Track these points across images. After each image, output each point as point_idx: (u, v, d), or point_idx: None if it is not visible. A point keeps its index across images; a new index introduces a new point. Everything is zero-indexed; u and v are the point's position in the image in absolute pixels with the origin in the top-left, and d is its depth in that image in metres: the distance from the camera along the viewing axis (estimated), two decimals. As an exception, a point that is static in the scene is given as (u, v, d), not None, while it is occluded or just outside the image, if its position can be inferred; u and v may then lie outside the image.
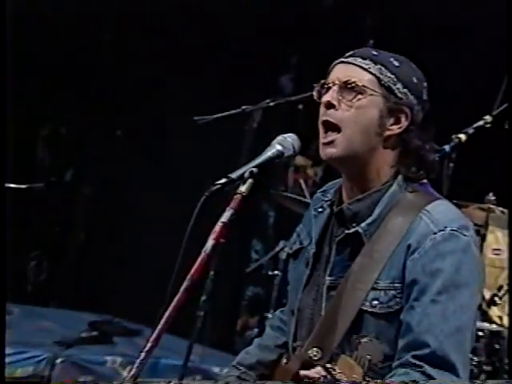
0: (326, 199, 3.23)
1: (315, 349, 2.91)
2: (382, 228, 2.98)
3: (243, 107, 6.41)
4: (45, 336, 8.39)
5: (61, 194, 9.86)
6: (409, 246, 2.90)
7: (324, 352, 2.90)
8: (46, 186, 8.48)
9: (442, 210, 2.99)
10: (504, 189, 6.71)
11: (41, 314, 9.22)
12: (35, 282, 10.14)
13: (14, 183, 8.04)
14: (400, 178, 3.04)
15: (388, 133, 3.01)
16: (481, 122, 6.00)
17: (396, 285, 2.90)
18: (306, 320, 3.12)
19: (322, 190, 3.32)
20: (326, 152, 3.02)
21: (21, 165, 9.10)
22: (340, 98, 2.99)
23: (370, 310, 2.91)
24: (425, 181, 3.08)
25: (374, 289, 2.91)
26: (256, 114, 6.33)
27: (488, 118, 6.02)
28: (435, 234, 2.90)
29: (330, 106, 3.00)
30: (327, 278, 3.07)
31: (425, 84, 3.09)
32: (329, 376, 2.66)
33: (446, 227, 2.92)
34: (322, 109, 3.04)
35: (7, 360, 7.70)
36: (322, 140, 3.02)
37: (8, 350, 7.82)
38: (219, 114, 6.39)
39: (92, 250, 10.07)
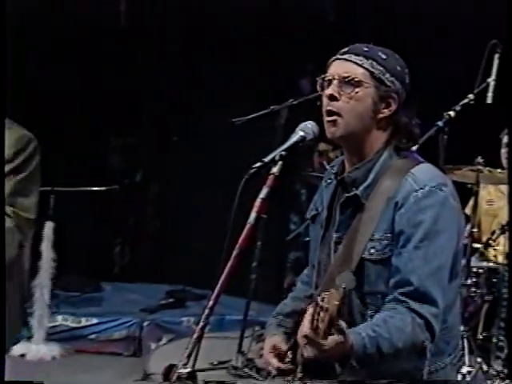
0: (333, 172, 3.23)
1: (325, 293, 2.78)
2: (375, 190, 3.00)
3: (272, 107, 6.48)
4: (132, 306, 8.73)
5: (133, 193, 10.02)
6: (396, 203, 2.94)
7: None
8: (120, 188, 8.73)
9: (423, 172, 3.02)
10: (490, 152, 6.87)
11: (127, 289, 9.51)
12: (121, 263, 10.32)
13: (93, 186, 8.40)
14: (390, 147, 3.07)
15: (380, 115, 3.03)
16: (465, 100, 6.04)
17: (388, 235, 2.94)
18: (323, 271, 3.16)
19: (331, 165, 3.34)
20: (330, 130, 3.04)
21: (97, 171, 9.35)
22: (340, 91, 2.99)
23: (368, 257, 2.95)
24: (413, 149, 3.13)
25: (371, 240, 2.95)
26: (283, 112, 6.42)
27: (471, 96, 6.05)
28: (417, 191, 2.93)
29: (332, 98, 3.01)
30: (334, 234, 3.11)
31: (406, 70, 3.10)
32: (317, 308, 2.62)
33: (425, 185, 2.95)
34: (325, 99, 3.05)
35: (104, 327, 8.19)
36: (326, 121, 3.03)
37: (104, 319, 8.26)
38: (253, 115, 6.44)
39: (163, 235, 10.22)
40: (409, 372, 2.99)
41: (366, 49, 3.05)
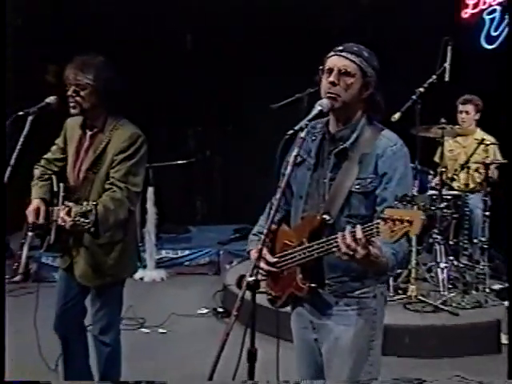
0: (316, 131, 3.12)
1: (326, 215, 2.89)
2: (358, 144, 2.96)
3: (296, 95, 6.29)
4: (211, 241, 8.84)
5: (204, 164, 10.04)
6: (377, 154, 2.91)
7: (331, 216, 2.88)
8: (195, 161, 8.98)
9: (391, 134, 3.00)
10: (450, 114, 6.95)
11: (207, 230, 9.56)
12: (201, 212, 10.35)
13: (178, 161, 8.61)
14: (365, 117, 3.01)
15: (363, 95, 2.97)
16: (431, 80, 6.17)
17: (371, 175, 2.90)
18: (314, 200, 3.04)
19: (310, 125, 3.08)
20: (331, 102, 2.96)
21: (180, 151, 9.46)
22: (338, 79, 2.93)
23: (354, 189, 2.91)
24: (395, 116, 3.08)
25: (357, 178, 2.91)
26: (305, 99, 6.27)
27: (434, 76, 6.20)
28: (391, 146, 2.93)
29: (333, 84, 2.94)
30: (328, 173, 3.01)
31: (377, 62, 3.01)
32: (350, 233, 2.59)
33: (396, 143, 2.96)
34: (326, 84, 2.96)
35: (193, 256, 8.40)
36: (327, 97, 2.93)
37: (193, 251, 8.47)
38: (283, 102, 6.32)
39: (228, 191, 10.25)
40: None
41: (356, 48, 2.98)
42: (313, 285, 2.95)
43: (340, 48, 3.01)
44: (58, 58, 4.11)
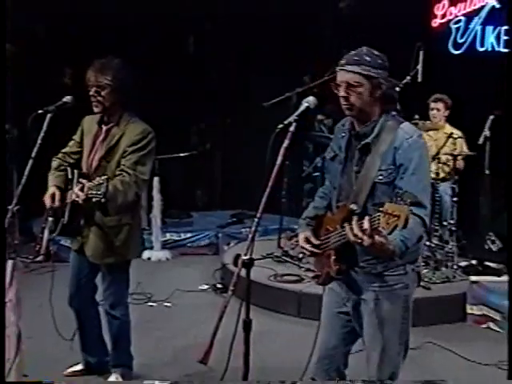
0: (345, 128, 3.11)
1: (353, 204, 2.88)
2: (379, 140, 2.92)
3: (286, 94, 6.54)
4: (211, 225, 8.80)
5: (205, 156, 9.93)
6: (395, 147, 2.86)
7: (358, 205, 2.87)
8: (198, 153, 8.90)
9: (408, 127, 2.95)
10: (423, 111, 6.95)
11: (207, 215, 9.47)
12: (202, 200, 10.30)
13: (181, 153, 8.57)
14: (384, 114, 2.95)
15: (376, 95, 2.92)
16: (405, 80, 6.18)
17: (391, 167, 2.86)
18: (345, 191, 3.02)
19: (338, 125, 3.19)
20: (347, 113, 2.97)
21: (183, 144, 9.26)
22: (348, 92, 2.90)
23: (378, 180, 2.87)
24: (394, 113, 2.97)
25: (379, 170, 2.87)
26: (293, 97, 6.51)
27: (408, 77, 6.24)
28: (407, 139, 2.87)
29: (345, 98, 2.92)
30: (354, 167, 2.99)
31: (385, 58, 2.97)
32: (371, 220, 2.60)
33: (412, 135, 2.89)
34: (341, 97, 2.95)
35: (195, 238, 8.37)
36: (344, 108, 2.95)
37: (195, 234, 8.44)
38: (275, 99, 6.51)
39: (226, 180, 10.18)
40: (411, 252, 2.91)
41: (356, 58, 2.92)
42: (344, 266, 2.95)
43: (343, 62, 2.96)
44: (73, 62, 4.11)
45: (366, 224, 2.60)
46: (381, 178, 2.89)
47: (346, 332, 3.18)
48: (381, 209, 2.54)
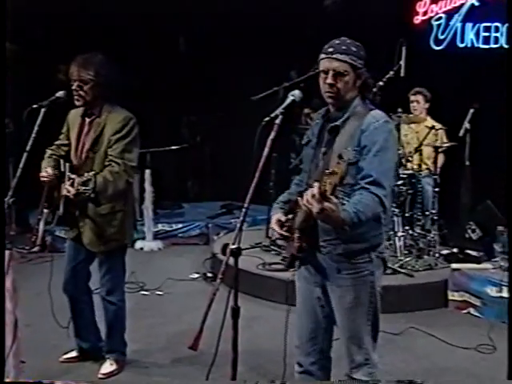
0: (319, 116, 3.10)
1: (316, 182, 2.68)
2: (349, 122, 2.92)
3: (274, 88, 6.48)
4: (201, 215, 8.84)
5: (195, 149, 9.94)
6: (362, 130, 2.86)
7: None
8: (188, 146, 8.85)
9: (377, 112, 2.93)
10: (404, 104, 6.94)
11: (198, 206, 9.53)
12: (192, 191, 10.36)
13: (172, 146, 8.50)
14: (357, 99, 2.96)
15: (357, 84, 2.94)
16: (388, 75, 6.18)
17: (356, 148, 2.85)
18: (313, 173, 3.01)
19: (318, 112, 3.15)
20: (330, 100, 2.97)
21: (174, 137, 9.23)
22: (335, 79, 2.89)
23: None
24: (367, 101, 2.96)
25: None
26: (280, 91, 6.41)
27: (391, 72, 6.21)
28: (374, 122, 2.87)
29: (331, 85, 2.92)
30: (322, 149, 3.00)
31: (364, 51, 2.98)
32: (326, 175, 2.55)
33: (380, 119, 2.89)
34: (325, 85, 2.95)
35: (186, 229, 8.36)
36: (327, 96, 2.95)
37: (186, 224, 8.43)
38: (263, 94, 6.48)
39: (215, 172, 10.19)
40: (373, 237, 2.97)
41: (344, 47, 2.92)
42: (304, 244, 2.92)
43: (330, 50, 2.95)
44: (67, 58, 4.11)
45: (315, 189, 2.58)
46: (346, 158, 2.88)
47: (323, 316, 3.17)
48: (325, 171, 2.55)
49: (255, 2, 8.69)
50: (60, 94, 3.88)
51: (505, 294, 5.37)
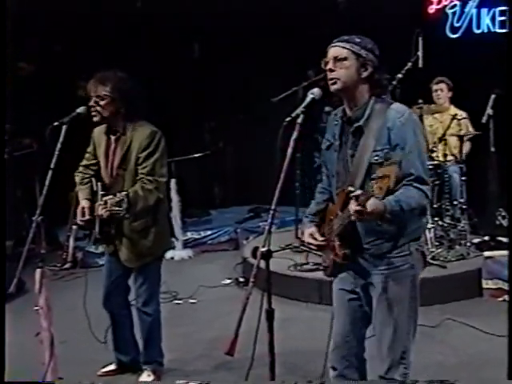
0: (337, 117, 3.07)
1: (350, 186, 2.80)
2: (371, 122, 2.89)
3: (293, 88, 6.53)
4: (229, 221, 8.82)
5: (218, 155, 9.85)
6: (388, 127, 2.84)
7: (355, 187, 2.78)
8: (211, 153, 8.66)
9: (398, 106, 2.91)
10: (426, 95, 6.94)
11: (225, 212, 9.52)
12: (219, 197, 10.36)
13: (195, 154, 8.46)
14: (373, 96, 2.93)
15: (362, 75, 2.91)
16: (407, 67, 6.16)
17: (386, 147, 2.83)
18: (342, 177, 3.00)
19: (331, 115, 3.15)
20: (332, 88, 2.94)
21: (197, 144, 9.29)
22: (335, 65, 2.91)
23: (373, 161, 2.83)
24: (384, 96, 2.93)
25: (374, 151, 2.85)
26: (300, 91, 6.48)
27: (409, 64, 6.19)
28: (400, 118, 2.85)
29: (331, 70, 2.92)
30: (349, 151, 2.97)
31: (376, 47, 2.97)
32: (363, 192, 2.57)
33: (404, 113, 2.87)
34: (327, 72, 2.94)
35: (215, 235, 8.36)
36: (330, 83, 2.94)
37: (214, 231, 8.43)
38: (283, 94, 6.51)
39: (241, 177, 10.15)
40: (413, 231, 2.95)
41: (346, 37, 2.95)
42: (347, 251, 2.91)
43: (334, 41, 2.98)
44: (86, 76, 4.16)
45: (361, 197, 2.56)
46: (376, 158, 2.84)
47: (359, 317, 3.13)
48: (373, 176, 2.53)
49: (269, 2, 8.66)
50: (81, 109, 3.89)
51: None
